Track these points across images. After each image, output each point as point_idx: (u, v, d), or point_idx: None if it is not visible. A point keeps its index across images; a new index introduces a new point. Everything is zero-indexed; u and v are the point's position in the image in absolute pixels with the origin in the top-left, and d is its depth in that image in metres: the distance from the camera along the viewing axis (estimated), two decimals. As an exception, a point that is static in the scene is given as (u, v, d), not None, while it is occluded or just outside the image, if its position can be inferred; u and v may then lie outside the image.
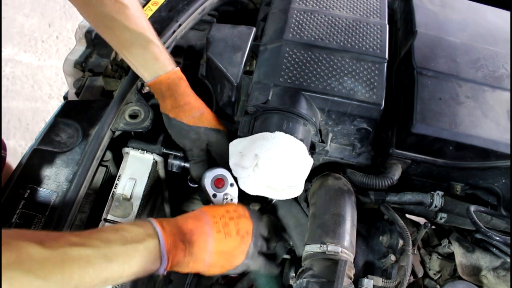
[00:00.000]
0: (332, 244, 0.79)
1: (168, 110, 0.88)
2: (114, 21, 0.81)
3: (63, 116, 0.89)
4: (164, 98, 0.88)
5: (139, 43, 0.83)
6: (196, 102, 0.90)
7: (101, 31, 0.86)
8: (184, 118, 0.87)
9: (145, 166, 0.89)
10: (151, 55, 0.85)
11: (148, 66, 0.86)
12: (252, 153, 0.78)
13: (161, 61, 0.86)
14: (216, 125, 0.91)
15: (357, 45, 0.94)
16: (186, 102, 0.88)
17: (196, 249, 0.71)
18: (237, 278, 1.23)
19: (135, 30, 0.82)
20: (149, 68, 0.86)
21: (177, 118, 0.87)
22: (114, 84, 0.99)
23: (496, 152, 0.86)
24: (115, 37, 0.85)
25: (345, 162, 0.95)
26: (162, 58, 0.86)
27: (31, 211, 0.76)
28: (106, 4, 0.80)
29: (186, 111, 0.88)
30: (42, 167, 0.81)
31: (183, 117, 0.87)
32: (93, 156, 0.83)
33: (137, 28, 0.83)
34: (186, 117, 0.87)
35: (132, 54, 0.86)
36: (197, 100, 0.91)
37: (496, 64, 0.98)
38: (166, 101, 0.88)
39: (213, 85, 1.00)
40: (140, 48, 0.84)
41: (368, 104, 0.86)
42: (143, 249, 0.63)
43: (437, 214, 0.96)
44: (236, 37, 0.95)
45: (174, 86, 0.87)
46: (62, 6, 2.96)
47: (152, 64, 0.86)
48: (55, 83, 2.60)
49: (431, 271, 0.98)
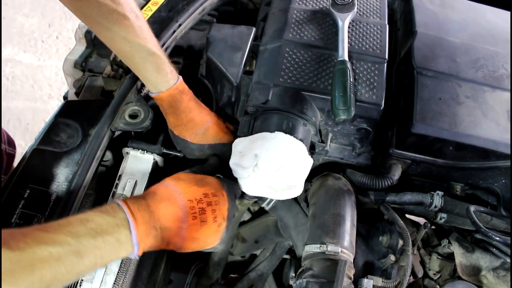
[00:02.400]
0: (332, 244, 0.79)
1: (172, 127, 0.88)
2: (113, 32, 0.78)
3: (63, 116, 0.89)
4: (167, 115, 0.87)
5: (140, 55, 0.80)
6: (200, 116, 0.88)
7: (102, 40, 0.83)
8: (188, 136, 0.87)
9: (145, 166, 0.89)
10: (152, 67, 0.82)
11: (150, 80, 0.84)
12: (252, 153, 0.78)
13: (163, 75, 0.83)
14: (222, 137, 0.90)
15: (357, 45, 0.94)
16: (189, 120, 0.86)
17: (168, 234, 0.68)
18: (237, 278, 1.23)
19: (135, 41, 0.79)
20: (150, 81, 0.84)
21: (180, 136, 0.87)
22: (114, 84, 0.99)
23: (496, 152, 0.86)
24: (116, 48, 0.83)
25: (345, 162, 0.95)
26: (164, 71, 0.83)
27: (31, 211, 0.76)
28: (104, 15, 0.76)
29: (189, 129, 0.87)
30: (42, 167, 0.81)
31: (187, 136, 0.87)
32: (93, 156, 0.83)
33: (138, 39, 0.79)
34: (190, 135, 0.87)
35: (133, 66, 0.84)
36: (201, 114, 0.88)
37: (496, 64, 0.98)
38: (169, 118, 0.87)
39: (213, 85, 1.00)
40: (141, 60, 0.81)
41: (368, 104, 0.86)
42: (114, 241, 0.61)
43: (437, 214, 0.96)
44: (236, 37, 0.95)
45: (176, 103, 0.85)
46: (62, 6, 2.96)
47: (154, 78, 0.83)
48: (55, 83, 2.60)
49: (431, 271, 0.98)
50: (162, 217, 0.68)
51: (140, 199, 0.68)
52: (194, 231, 0.71)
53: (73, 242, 0.56)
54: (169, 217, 0.68)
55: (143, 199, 0.69)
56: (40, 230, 0.55)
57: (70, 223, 0.59)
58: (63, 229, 0.57)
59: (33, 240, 0.52)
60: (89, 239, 0.58)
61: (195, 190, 0.73)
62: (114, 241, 0.61)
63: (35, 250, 0.51)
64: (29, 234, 0.53)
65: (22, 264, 0.50)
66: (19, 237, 0.52)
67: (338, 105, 0.82)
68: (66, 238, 0.55)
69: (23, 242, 0.51)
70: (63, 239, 0.55)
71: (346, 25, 0.94)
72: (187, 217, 0.70)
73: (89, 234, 0.58)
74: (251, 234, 1.22)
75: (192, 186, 0.74)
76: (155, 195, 0.70)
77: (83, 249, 0.56)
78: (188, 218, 0.70)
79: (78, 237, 0.57)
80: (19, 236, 0.52)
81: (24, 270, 0.50)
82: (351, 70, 0.86)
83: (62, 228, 0.57)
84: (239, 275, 1.27)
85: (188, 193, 0.72)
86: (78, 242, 0.56)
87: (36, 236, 0.53)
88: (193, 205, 0.71)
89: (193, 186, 0.74)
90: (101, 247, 0.59)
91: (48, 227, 0.56)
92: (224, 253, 1.18)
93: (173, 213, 0.69)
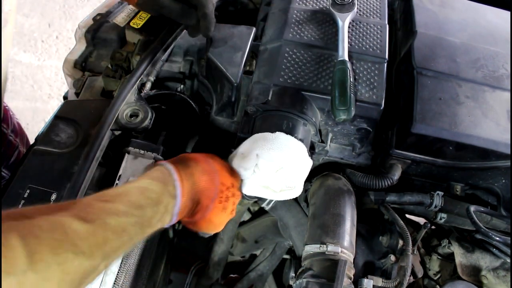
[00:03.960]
0: (332, 244, 0.79)
1: None
2: None
3: (62, 116, 0.89)
4: None
5: None
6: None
7: None
8: None
9: (145, 166, 0.89)
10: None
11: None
12: (253, 154, 0.78)
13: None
14: None
15: (357, 45, 0.94)
16: None
17: (196, 209, 0.69)
18: (237, 278, 1.23)
19: None
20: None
21: None
22: (114, 84, 0.99)
23: (496, 152, 0.86)
24: None
25: (345, 162, 0.95)
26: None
27: (31, 211, 0.76)
28: None
29: None
30: (42, 167, 0.81)
31: None
32: (93, 156, 0.83)
33: None
34: None
35: None
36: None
37: (496, 64, 0.98)
38: None
39: (213, 85, 1.00)
40: None
41: (368, 104, 0.86)
42: (164, 210, 0.61)
43: (437, 214, 0.96)
44: (236, 37, 0.95)
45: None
46: (62, 6, 2.96)
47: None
48: (55, 83, 2.60)
49: (431, 271, 0.98)
50: (200, 191, 0.68)
51: (185, 166, 0.68)
52: (214, 215, 0.71)
53: (136, 213, 0.56)
54: (206, 193, 0.69)
55: (188, 167, 0.68)
56: (104, 200, 0.54)
57: (129, 192, 0.58)
58: (123, 199, 0.56)
59: (101, 210, 0.52)
60: (148, 208, 0.58)
61: (228, 176, 0.74)
62: (163, 210, 0.61)
63: (105, 221, 0.51)
64: (96, 205, 0.53)
65: (97, 236, 0.49)
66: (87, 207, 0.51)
67: (338, 105, 0.82)
68: (129, 209, 0.55)
69: (92, 213, 0.50)
70: (126, 209, 0.55)
71: (346, 25, 0.94)
72: (215, 199, 0.70)
73: (149, 205, 0.58)
74: (251, 234, 1.22)
75: (226, 171, 0.74)
76: (198, 166, 0.69)
77: (143, 220, 0.57)
78: (216, 200, 0.71)
79: (141, 208, 0.57)
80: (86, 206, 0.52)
81: (98, 241, 0.49)
82: (351, 70, 0.86)
83: (122, 197, 0.57)
84: (239, 275, 1.27)
85: (222, 175, 0.72)
86: (140, 213, 0.56)
87: (101, 207, 0.53)
88: (223, 189, 0.72)
89: (227, 172, 0.75)
90: (156, 216, 0.59)
91: (107, 197, 0.56)
92: (224, 253, 1.18)
93: (209, 190, 0.69)
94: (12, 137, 1.30)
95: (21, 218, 0.45)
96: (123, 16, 1.14)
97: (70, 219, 0.47)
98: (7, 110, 1.31)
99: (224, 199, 0.72)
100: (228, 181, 0.74)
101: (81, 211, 0.50)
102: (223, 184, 0.72)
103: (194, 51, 1.03)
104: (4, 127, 1.26)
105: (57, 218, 0.47)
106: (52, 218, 0.47)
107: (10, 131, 1.30)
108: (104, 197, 0.55)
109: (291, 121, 0.84)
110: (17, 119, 1.39)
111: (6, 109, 1.30)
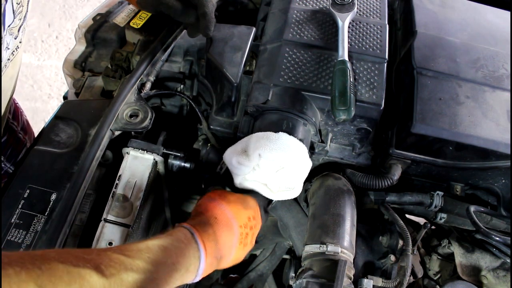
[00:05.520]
0: (331, 244, 0.79)
1: None
2: None
3: (62, 116, 0.89)
4: None
5: None
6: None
7: None
8: None
9: (145, 166, 0.89)
10: None
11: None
12: (256, 153, 0.78)
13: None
14: None
15: (357, 45, 0.94)
16: None
17: (223, 262, 0.72)
18: (237, 278, 1.23)
19: None
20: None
21: None
22: (114, 84, 0.99)
23: (496, 152, 0.86)
24: None
25: (345, 162, 0.95)
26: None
27: (31, 211, 0.76)
28: None
29: None
30: (42, 167, 0.81)
31: None
32: (92, 156, 0.83)
33: None
34: None
35: None
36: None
37: (496, 64, 0.98)
38: None
39: (213, 85, 1.00)
40: None
41: (368, 104, 0.86)
42: (184, 271, 0.63)
43: (437, 214, 0.96)
44: (236, 37, 0.95)
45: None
46: (61, 6, 2.96)
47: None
48: (55, 83, 2.60)
49: (431, 271, 0.98)
50: (222, 247, 0.70)
51: (207, 226, 0.69)
52: (237, 254, 0.74)
53: (153, 270, 0.57)
54: (228, 245, 0.71)
55: (210, 226, 0.70)
56: (122, 254, 0.56)
57: (149, 250, 0.59)
58: (143, 255, 0.58)
59: (120, 265, 0.54)
60: (165, 268, 0.59)
61: (243, 214, 0.75)
62: (184, 271, 0.63)
63: (122, 277, 0.53)
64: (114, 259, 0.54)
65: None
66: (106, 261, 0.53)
67: (338, 105, 0.82)
68: (147, 266, 0.57)
69: (110, 267, 0.52)
70: (145, 266, 0.56)
71: (346, 25, 0.94)
72: (237, 243, 0.73)
73: (166, 264, 0.59)
74: (251, 234, 1.21)
75: (241, 210, 0.76)
76: (217, 221, 0.71)
77: (160, 279, 0.58)
78: (238, 243, 0.73)
79: (158, 265, 0.58)
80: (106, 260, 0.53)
81: None
82: (351, 70, 0.86)
83: (142, 253, 0.58)
84: (239, 275, 1.26)
85: (239, 218, 0.74)
86: (157, 270, 0.58)
87: (121, 261, 0.54)
88: (242, 231, 0.74)
89: (242, 210, 0.76)
90: (175, 276, 0.61)
91: (128, 251, 0.57)
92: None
93: (230, 241, 0.72)
94: (21, 134, 1.31)
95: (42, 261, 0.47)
96: (123, 16, 1.14)
97: (90, 272, 0.49)
98: (18, 107, 1.32)
99: (244, 237, 0.74)
100: (245, 218, 0.75)
101: (102, 264, 0.52)
102: (241, 227, 0.74)
103: (194, 51, 1.03)
104: (15, 124, 1.27)
105: (77, 270, 0.49)
106: (73, 269, 0.48)
107: (20, 128, 1.30)
108: (126, 251, 0.57)
109: (291, 121, 0.84)
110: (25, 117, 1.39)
111: (17, 106, 1.31)
